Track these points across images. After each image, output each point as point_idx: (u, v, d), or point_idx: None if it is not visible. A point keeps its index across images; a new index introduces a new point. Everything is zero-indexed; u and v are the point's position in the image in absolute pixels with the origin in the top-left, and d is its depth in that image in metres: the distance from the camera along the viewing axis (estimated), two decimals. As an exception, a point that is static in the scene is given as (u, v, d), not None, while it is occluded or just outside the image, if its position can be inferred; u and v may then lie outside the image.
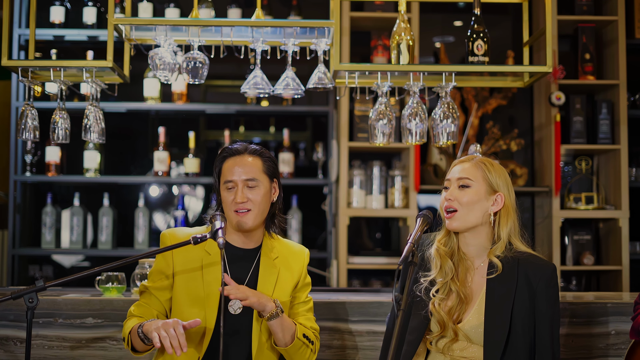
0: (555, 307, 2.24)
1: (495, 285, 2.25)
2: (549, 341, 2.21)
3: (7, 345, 2.88)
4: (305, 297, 2.46)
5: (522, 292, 2.23)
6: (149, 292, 2.37)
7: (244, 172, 2.33)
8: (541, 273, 2.24)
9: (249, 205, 2.32)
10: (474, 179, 2.28)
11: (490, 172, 2.29)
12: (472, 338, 2.25)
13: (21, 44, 4.56)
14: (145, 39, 3.22)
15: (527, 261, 2.26)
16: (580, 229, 4.64)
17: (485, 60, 3.08)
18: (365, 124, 4.47)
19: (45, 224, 4.65)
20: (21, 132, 3.08)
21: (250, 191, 2.33)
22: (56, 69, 3.08)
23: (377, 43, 4.55)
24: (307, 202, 4.84)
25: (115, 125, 4.78)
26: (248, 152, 2.37)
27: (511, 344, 2.21)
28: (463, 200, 2.27)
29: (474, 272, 2.32)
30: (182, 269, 2.35)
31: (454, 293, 2.28)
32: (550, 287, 2.24)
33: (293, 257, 2.45)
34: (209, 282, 2.32)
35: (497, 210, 2.29)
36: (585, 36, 4.53)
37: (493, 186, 2.29)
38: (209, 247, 2.36)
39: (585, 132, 4.57)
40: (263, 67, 3.15)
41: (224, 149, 2.41)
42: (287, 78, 3.14)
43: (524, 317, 2.22)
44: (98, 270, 2.23)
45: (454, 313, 2.27)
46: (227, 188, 2.34)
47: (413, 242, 2.14)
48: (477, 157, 2.34)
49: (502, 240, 2.27)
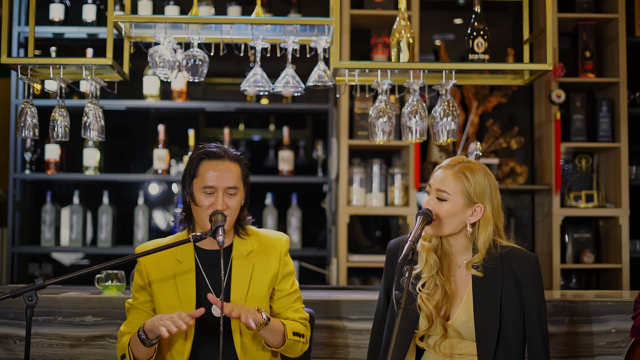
0: (541, 298, 2.28)
1: (481, 280, 2.28)
2: (539, 331, 2.25)
3: (6, 343, 2.88)
4: (290, 287, 2.43)
5: (508, 285, 2.27)
6: (136, 308, 2.38)
7: (227, 179, 2.30)
8: (525, 265, 2.27)
9: (227, 212, 2.29)
10: (452, 192, 2.27)
11: (470, 184, 2.27)
12: (463, 334, 2.27)
13: (21, 42, 4.56)
14: (145, 37, 3.21)
15: (510, 254, 2.29)
16: (581, 227, 4.64)
17: (485, 58, 3.07)
18: (365, 121, 4.47)
19: (44, 221, 4.64)
20: (21, 130, 3.07)
21: (229, 198, 2.31)
22: (56, 66, 3.07)
23: (377, 41, 4.54)
24: (307, 200, 4.83)
25: (115, 123, 4.78)
26: (229, 158, 2.34)
27: (503, 337, 2.24)
28: (440, 212, 2.27)
29: (457, 270, 2.34)
30: (156, 280, 2.35)
31: (439, 288, 2.30)
32: (535, 278, 2.28)
33: (269, 246, 2.41)
34: (183, 292, 2.32)
35: (476, 220, 2.29)
36: (585, 34, 4.53)
37: (472, 198, 2.27)
38: (180, 255, 2.35)
39: (585, 130, 4.57)
40: (263, 64, 3.15)
41: (201, 150, 2.35)
42: (287, 76, 3.13)
43: (513, 311, 2.25)
44: (97, 268, 2.23)
45: (440, 308, 2.30)
46: (205, 193, 2.29)
47: (413, 240, 2.15)
48: (460, 164, 2.30)
49: (480, 252, 2.28)
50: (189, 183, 2.33)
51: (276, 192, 4.80)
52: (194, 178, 2.32)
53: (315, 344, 2.87)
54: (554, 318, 2.91)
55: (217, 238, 2.16)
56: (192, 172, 2.32)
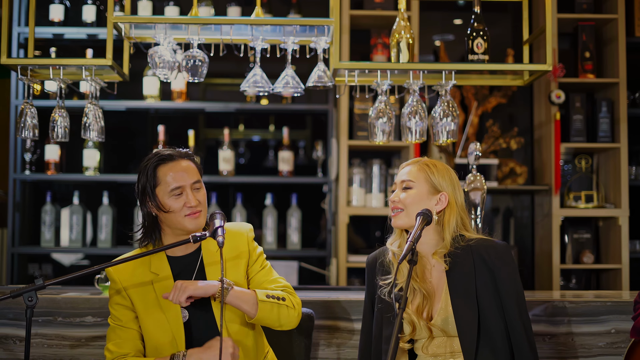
0: (517, 283, 2.30)
1: (454, 275, 2.31)
2: (517, 317, 2.26)
3: (6, 344, 2.88)
4: (261, 265, 2.43)
5: (481, 275, 2.29)
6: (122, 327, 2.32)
7: (189, 176, 2.31)
8: (494, 252, 2.31)
9: (200, 207, 2.31)
10: (416, 180, 2.38)
11: (433, 173, 2.38)
12: (447, 331, 2.29)
13: (20, 42, 4.56)
14: (144, 37, 3.21)
15: (480, 245, 2.33)
16: (580, 228, 4.64)
17: (485, 59, 3.08)
18: (365, 122, 4.47)
19: (44, 222, 4.64)
20: (20, 131, 3.07)
21: (197, 193, 2.32)
22: (55, 67, 3.08)
23: (377, 41, 4.54)
24: (306, 201, 4.84)
25: (115, 124, 4.78)
26: (182, 157, 2.34)
27: (483, 329, 2.26)
28: (407, 201, 2.36)
29: (431, 269, 2.37)
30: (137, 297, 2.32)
31: (417, 291, 2.34)
32: (507, 264, 2.30)
33: (234, 237, 2.40)
34: (167, 305, 2.29)
35: (442, 209, 2.37)
36: (585, 34, 4.53)
37: (436, 186, 2.37)
38: (155, 267, 2.33)
39: (585, 131, 4.57)
40: (263, 65, 3.15)
41: (152, 158, 2.33)
42: (287, 76, 3.14)
43: (489, 300, 2.28)
44: (97, 268, 2.23)
45: (422, 310, 2.33)
46: (174, 195, 2.28)
47: (413, 241, 2.15)
48: (422, 160, 2.43)
49: (446, 240, 2.34)
50: (151, 194, 2.30)
51: (276, 193, 4.80)
52: (156, 187, 2.30)
53: (315, 344, 2.87)
54: (554, 318, 2.91)
55: (217, 238, 2.17)
56: (153, 182, 2.30)
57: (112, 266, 2.27)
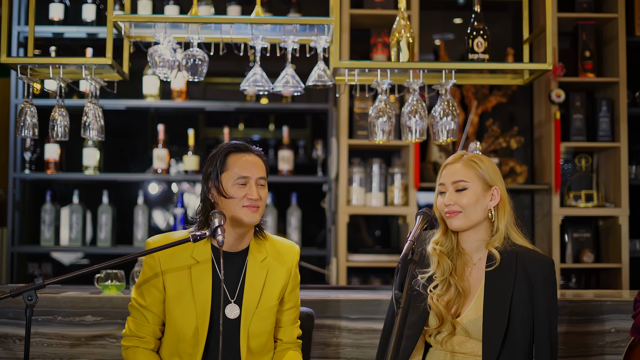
0: (553, 302, 2.24)
1: (493, 278, 2.26)
2: (547, 336, 2.21)
3: (6, 343, 2.88)
4: (296, 301, 2.45)
5: (520, 286, 2.24)
6: (147, 309, 2.33)
7: (258, 170, 2.33)
8: (539, 267, 2.24)
9: (259, 202, 2.31)
10: (469, 179, 2.29)
11: (482, 168, 2.30)
12: (471, 332, 2.25)
13: (20, 41, 4.56)
14: (144, 36, 3.21)
15: (526, 255, 2.27)
16: (580, 227, 4.64)
17: (485, 58, 3.07)
18: (364, 121, 4.47)
19: (44, 221, 4.64)
20: (20, 130, 3.07)
21: (261, 189, 2.33)
22: (55, 66, 3.07)
23: (377, 40, 4.54)
24: (306, 200, 4.83)
25: (115, 123, 4.78)
26: (255, 152, 2.37)
27: (509, 338, 2.22)
28: (463, 203, 2.28)
29: (472, 267, 2.33)
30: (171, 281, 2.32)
31: (453, 287, 2.29)
32: (549, 282, 2.24)
33: (282, 255, 2.41)
34: (200, 292, 2.30)
35: (496, 204, 2.31)
36: (585, 34, 4.53)
37: (488, 181, 2.30)
38: (196, 253, 2.33)
39: (585, 130, 4.57)
40: (262, 64, 3.15)
41: (226, 145, 2.36)
42: (287, 75, 3.13)
43: (522, 311, 2.23)
44: (97, 267, 2.22)
45: (452, 306, 2.28)
46: (239, 183, 2.30)
47: (413, 240, 2.14)
48: (465, 156, 2.34)
49: (501, 232, 2.29)
50: (216, 179, 2.31)
51: (276, 192, 4.80)
52: (223, 172, 2.31)
53: (315, 343, 2.87)
54: (554, 318, 2.91)
55: (216, 238, 2.15)
56: (221, 167, 2.32)
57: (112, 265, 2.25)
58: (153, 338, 2.34)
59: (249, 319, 2.31)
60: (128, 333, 2.34)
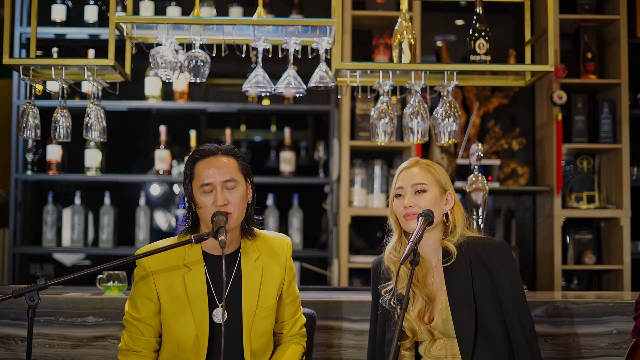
0: (516, 282, 2.25)
1: (452, 272, 2.28)
2: (515, 316, 2.21)
3: (8, 343, 2.88)
4: (294, 294, 2.42)
5: (478, 273, 2.26)
6: (142, 322, 2.29)
7: (221, 173, 2.24)
8: (492, 252, 2.27)
9: (229, 208, 2.23)
10: (428, 182, 2.34)
11: (438, 173, 2.36)
12: (447, 333, 2.27)
13: (22, 43, 4.56)
14: (146, 38, 3.21)
15: (476, 243, 2.30)
16: (582, 228, 4.64)
17: (487, 59, 3.08)
18: (366, 122, 4.47)
19: (46, 222, 4.65)
20: (22, 131, 3.08)
21: (229, 193, 2.24)
22: (57, 67, 3.08)
23: (379, 42, 4.54)
24: (308, 201, 4.84)
25: (117, 124, 4.78)
26: (222, 153, 2.28)
27: (482, 328, 2.23)
28: (422, 204, 2.31)
29: (433, 271, 2.34)
30: (165, 291, 2.28)
31: (419, 296, 2.31)
32: (506, 264, 2.26)
33: (275, 250, 2.38)
34: (195, 299, 2.27)
35: (451, 207, 2.36)
36: (587, 35, 4.53)
37: (443, 186, 2.36)
38: (188, 259, 2.29)
39: (586, 131, 4.57)
40: (264, 65, 3.15)
41: (194, 152, 2.30)
42: (289, 77, 3.14)
43: (487, 298, 2.24)
44: (99, 269, 2.22)
45: (424, 315, 2.30)
46: (204, 192, 2.23)
47: (414, 241, 2.14)
48: (421, 160, 2.39)
49: (457, 231, 2.34)
50: (189, 187, 2.28)
51: (277, 193, 4.81)
52: (192, 180, 2.27)
53: (316, 344, 2.87)
54: (555, 319, 2.91)
55: (218, 239, 2.13)
56: (190, 175, 2.28)
57: (114, 266, 2.25)
58: (150, 351, 2.31)
59: (250, 320, 2.30)
60: (124, 347, 2.31)
